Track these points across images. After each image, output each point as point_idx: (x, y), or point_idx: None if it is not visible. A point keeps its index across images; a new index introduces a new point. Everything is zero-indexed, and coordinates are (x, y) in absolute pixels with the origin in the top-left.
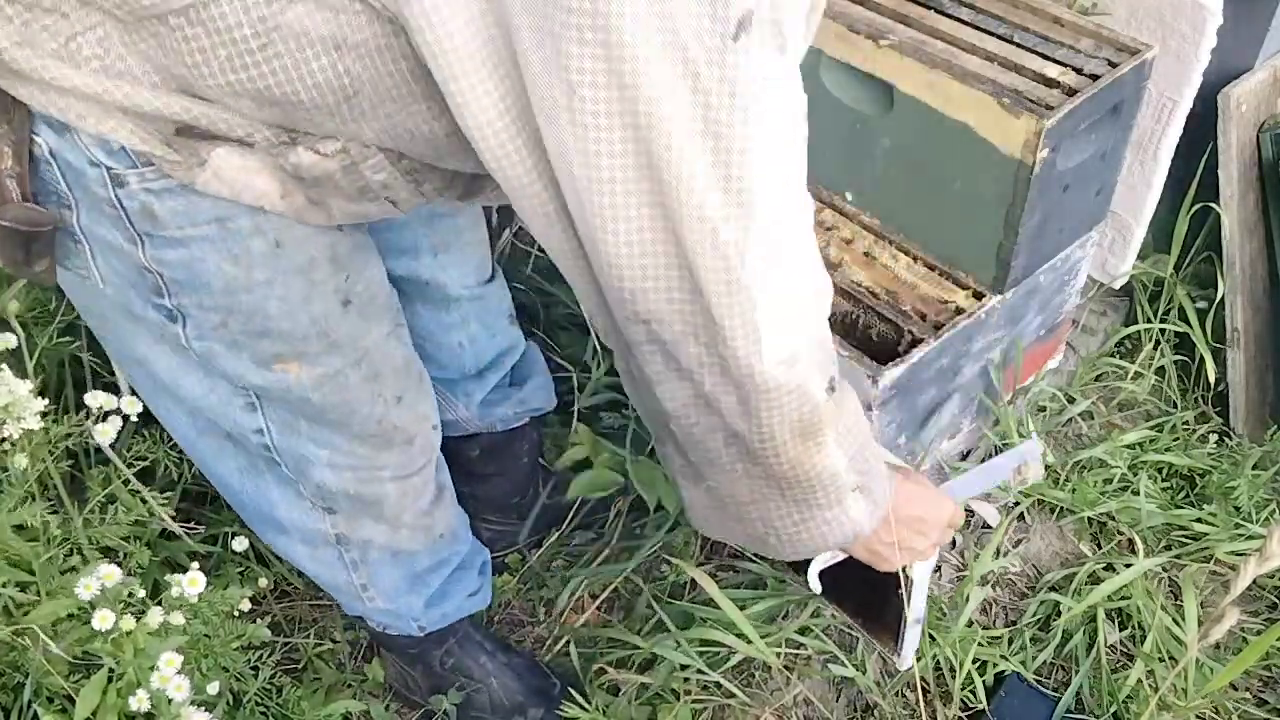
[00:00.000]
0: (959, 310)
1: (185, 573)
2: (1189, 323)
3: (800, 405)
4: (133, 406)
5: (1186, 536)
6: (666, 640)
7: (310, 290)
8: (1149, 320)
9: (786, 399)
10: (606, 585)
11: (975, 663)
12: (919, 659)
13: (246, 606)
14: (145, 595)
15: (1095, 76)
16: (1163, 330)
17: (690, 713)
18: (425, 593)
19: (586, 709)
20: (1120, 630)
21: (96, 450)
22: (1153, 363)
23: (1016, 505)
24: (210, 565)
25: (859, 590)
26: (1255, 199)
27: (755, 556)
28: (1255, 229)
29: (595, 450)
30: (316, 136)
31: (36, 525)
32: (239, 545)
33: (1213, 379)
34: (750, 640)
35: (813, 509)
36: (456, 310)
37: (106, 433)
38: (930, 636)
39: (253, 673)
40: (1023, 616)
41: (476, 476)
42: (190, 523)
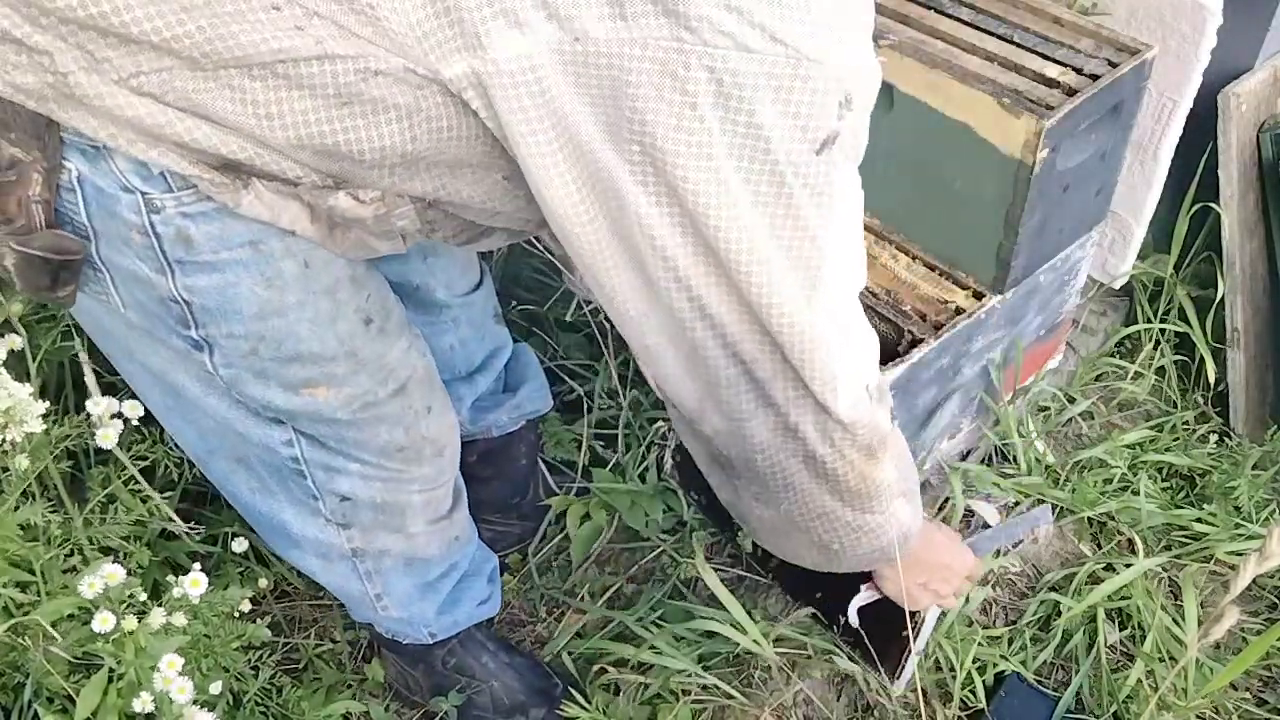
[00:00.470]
0: (959, 310)
1: (185, 573)
2: (1189, 323)
3: (871, 435)
4: (134, 410)
5: (1186, 536)
6: (667, 638)
7: (336, 311)
8: (1149, 320)
9: (860, 431)
10: (607, 585)
11: (975, 663)
12: (924, 656)
13: (247, 607)
14: (146, 596)
15: (1095, 76)
16: (1163, 330)
17: (690, 713)
18: (437, 600)
19: (587, 709)
20: (1120, 630)
21: (97, 450)
22: (1153, 363)
23: (1016, 505)
24: (210, 565)
25: (870, 623)
26: (1255, 199)
27: (754, 560)
28: (1255, 229)
29: (580, 505)
30: (360, 186)
31: (37, 525)
32: (239, 546)
33: (1213, 379)
34: (747, 631)
35: (870, 514)
36: (446, 313)
37: (109, 437)
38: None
39: (253, 673)
40: (1023, 616)
41: (475, 479)
42: (190, 523)
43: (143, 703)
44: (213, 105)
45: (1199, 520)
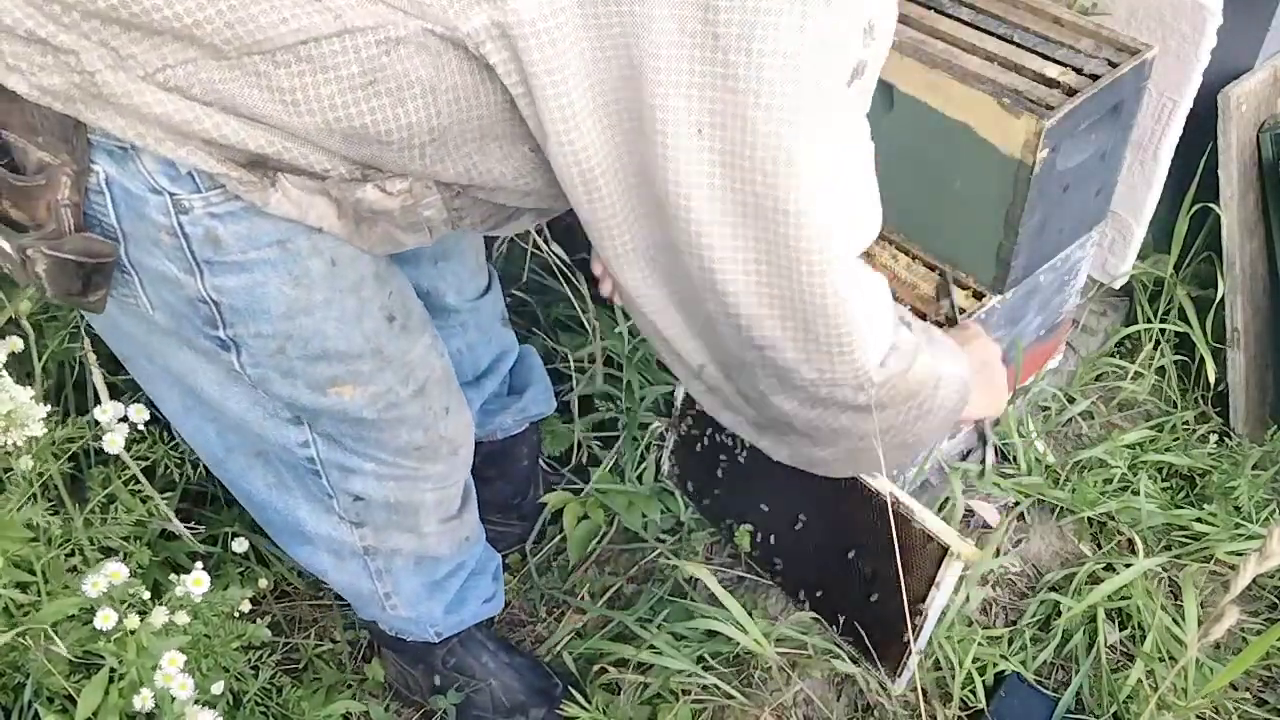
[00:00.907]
0: (959, 310)
1: (187, 573)
2: (1189, 323)
3: (903, 364)
4: (140, 414)
5: (1186, 536)
6: (667, 638)
7: (361, 308)
8: (1149, 320)
9: (894, 370)
10: (607, 585)
11: (975, 663)
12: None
13: (247, 607)
14: (147, 595)
15: (1095, 76)
16: (1163, 330)
17: (690, 713)
18: (444, 599)
19: (587, 709)
20: (1120, 630)
21: (98, 450)
22: (1153, 363)
23: (1016, 505)
24: (210, 565)
25: (872, 627)
26: (1255, 199)
27: (755, 561)
28: (1255, 229)
29: (578, 504)
30: (387, 175)
31: (38, 525)
32: (239, 546)
33: (1213, 379)
34: (747, 631)
35: (926, 398)
36: (455, 318)
37: (115, 442)
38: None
39: (253, 673)
40: (1023, 616)
41: (478, 480)
42: (190, 523)
43: (143, 700)
44: (239, 96)
45: (1199, 520)
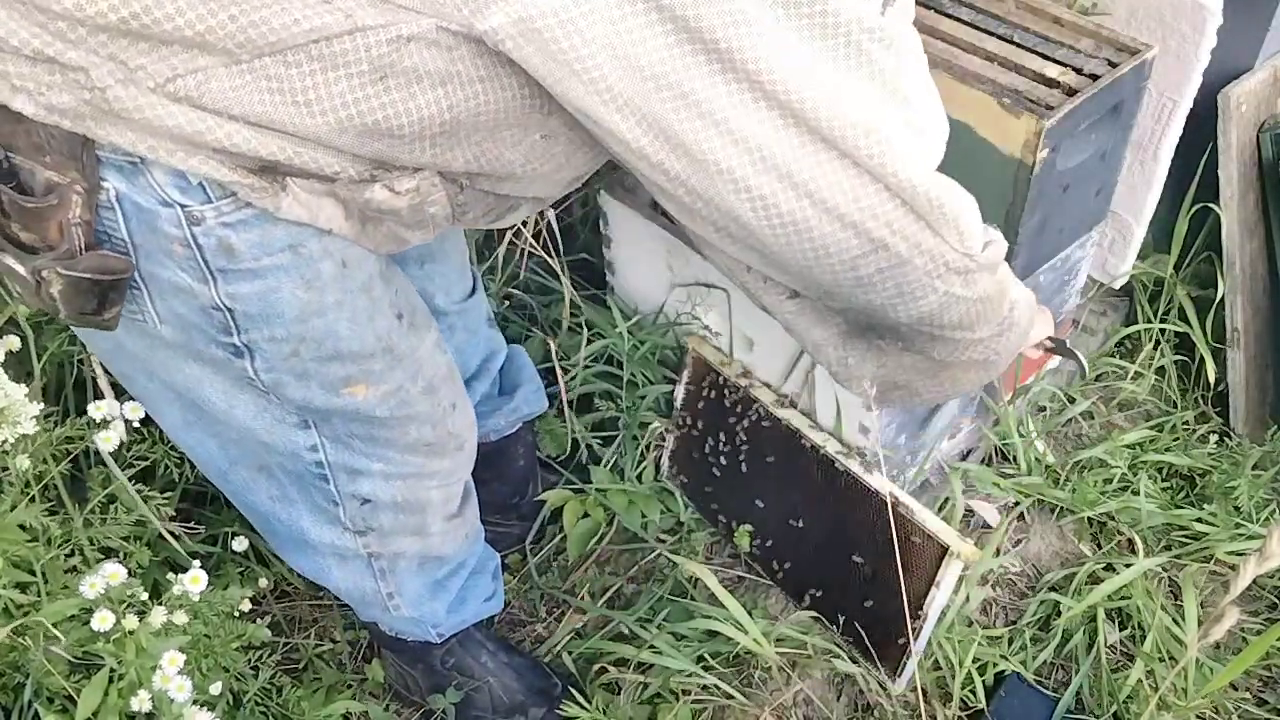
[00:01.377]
0: None
1: (186, 572)
2: (1189, 323)
3: (997, 256)
4: (135, 413)
5: (1186, 536)
6: (667, 638)
7: (372, 307)
8: (1149, 320)
9: (994, 259)
10: (607, 585)
11: (975, 663)
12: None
13: (247, 607)
14: (146, 595)
15: (1095, 76)
16: (1163, 330)
17: (690, 713)
18: (446, 599)
19: (587, 709)
20: (1120, 630)
21: (97, 450)
22: (1153, 363)
23: (1016, 505)
24: (210, 565)
25: (872, 626)
26: (1255, 199)
27: (755, 561)
28: (1255, 229)
29: (577, 502)
30: (395, 175)
31: (37, 526)
32: (239, 545)
33: (1213, 379)
34: (747, 631)
35: (1005, 311)
36: (443, 321)
37: (109, 440)
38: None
39: (253, 673)
40: (1023, 616)
41: (475, 482)
42: (190, 523)
43: (140, 701)
44: (250, 102)
45: (1199, 520)
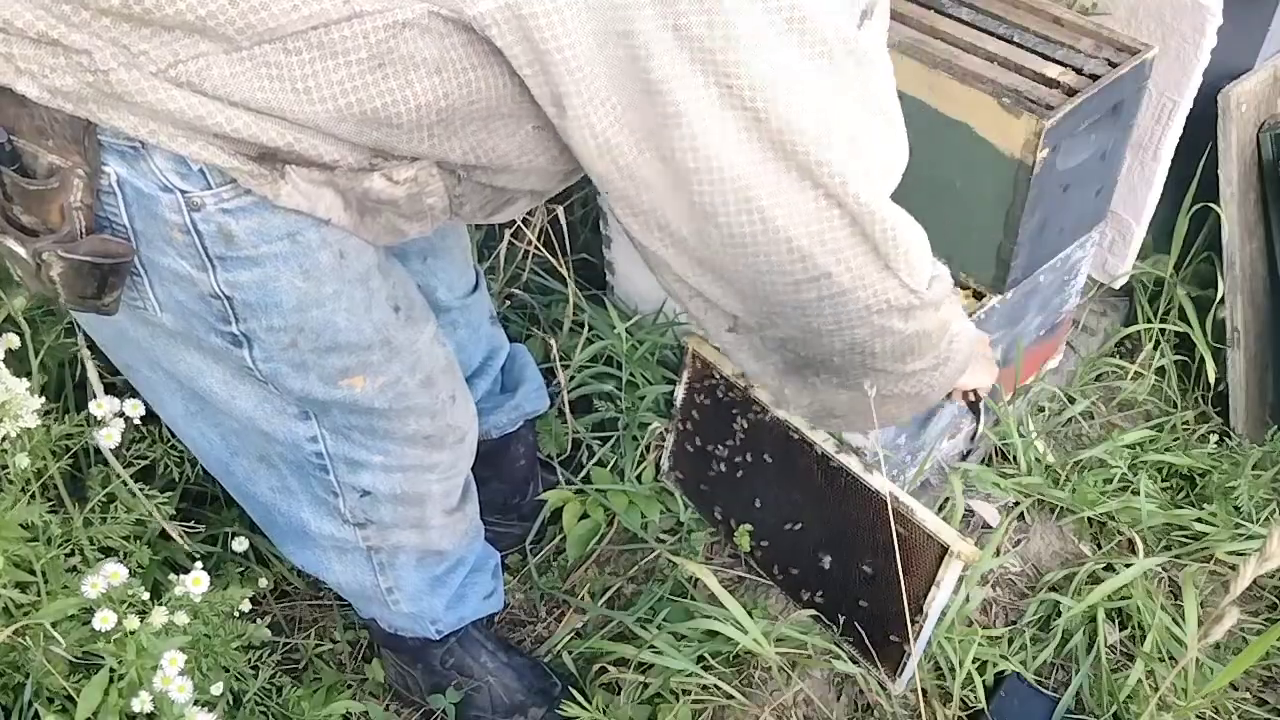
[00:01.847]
0: None
1: (186, 573)
2: (1189, 323)
3: (943, 292)
4: (135, 410)
5: (1186, 536)
6: (667, 638)
7: (370, 299)
8: (1149, 320)
9: (939, 295)
10: (607, 585)
11: (975, 663)
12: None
13: (247, 607)
14: (146, 595)
15: (1095, 76)
16: (1163, 330)
17: (690, 713)
18: (445, 594)
19: (586, 709)
20: (1120, 630)
21: (97, 449)
22: (1153, 363)
23: (1016, 505)
24: (210, 565)
25: (872, 626)
26: (1255, 199)
27: (755, 561)
28: (1255, 229)
29: (577, 503)
30: (394, 164)
31: (37, 525)
32: (239, 545)
33: (1213, 379)
34: (747, 631)
35: (944, 345)
36: (445, 317)
37: (111, 437)
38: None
39: (253, 673)
40: (1023, 616)
41: (475, 480)
42: (190, 522)
43: (141, 702)
44: (250, 89)
45: (1199, 520)
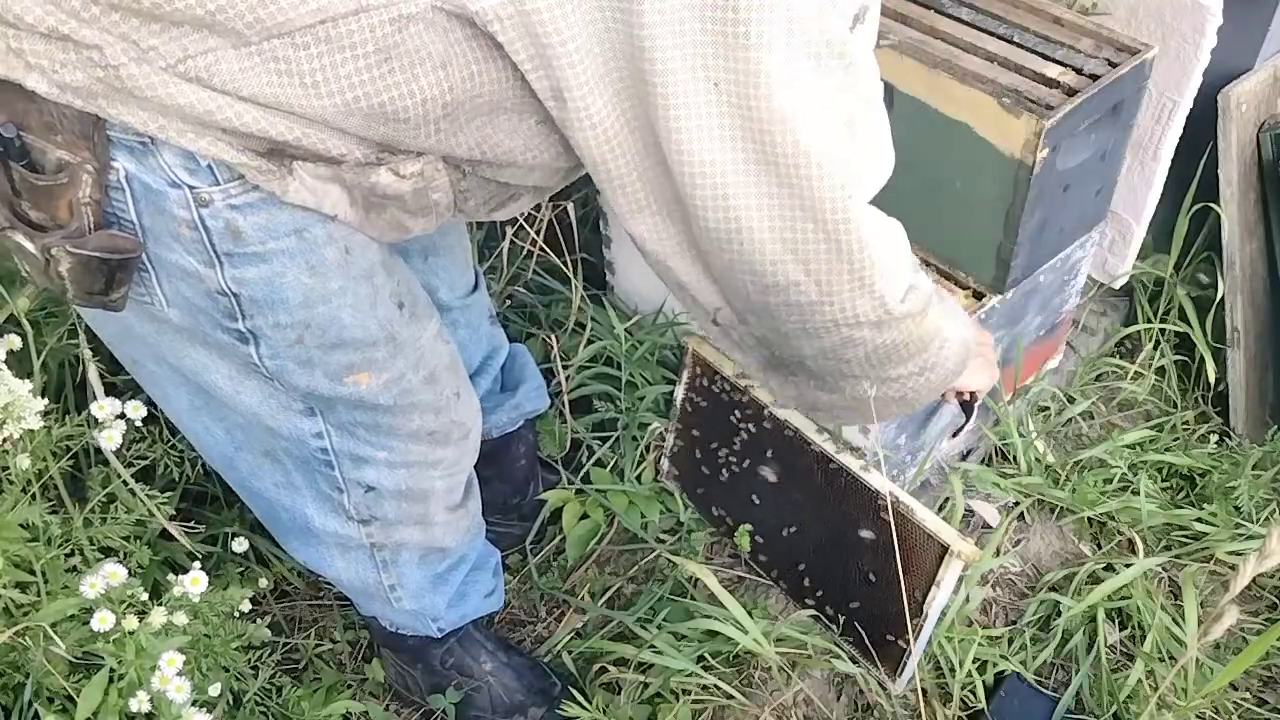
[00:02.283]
0: None
1: (186, 573)
2: (1189, 323)
3: (920, 304)
4: (136, 411)
5: (1186, 536)
6: (667, 638)
7: (374, 295)
8: (1149, 320)
9: (914, 307)
10: (607, 585)
11: (975, 663)
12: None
13: (246, 607)
14: (146, 596)
15: (1095, 76)
16: (1163, 330)
17: (690, 713)
18: (447, 592)
19: (587, 709)
20: (1120, 630)
21: (97, 450)
22: (1153, 363)
23: (1016, 505)
24: (210, 565)
25: (872, 626)
26: (1255, 199)
27: (754, 561)
28: (1255, 229)
29: (577, 503)
30: (401, 158)
31: (37, 525)
32: (239, 546)
33: (1213, 379)
34: (747, 631)
35: (929, 352)
36: (447, 316)
37: (112, 439)
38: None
39: (253, 673)
40: (1023, 616)
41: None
42: (190, 523)
43: (139, 702)
44: (259, 84)
45: (1199, 520)
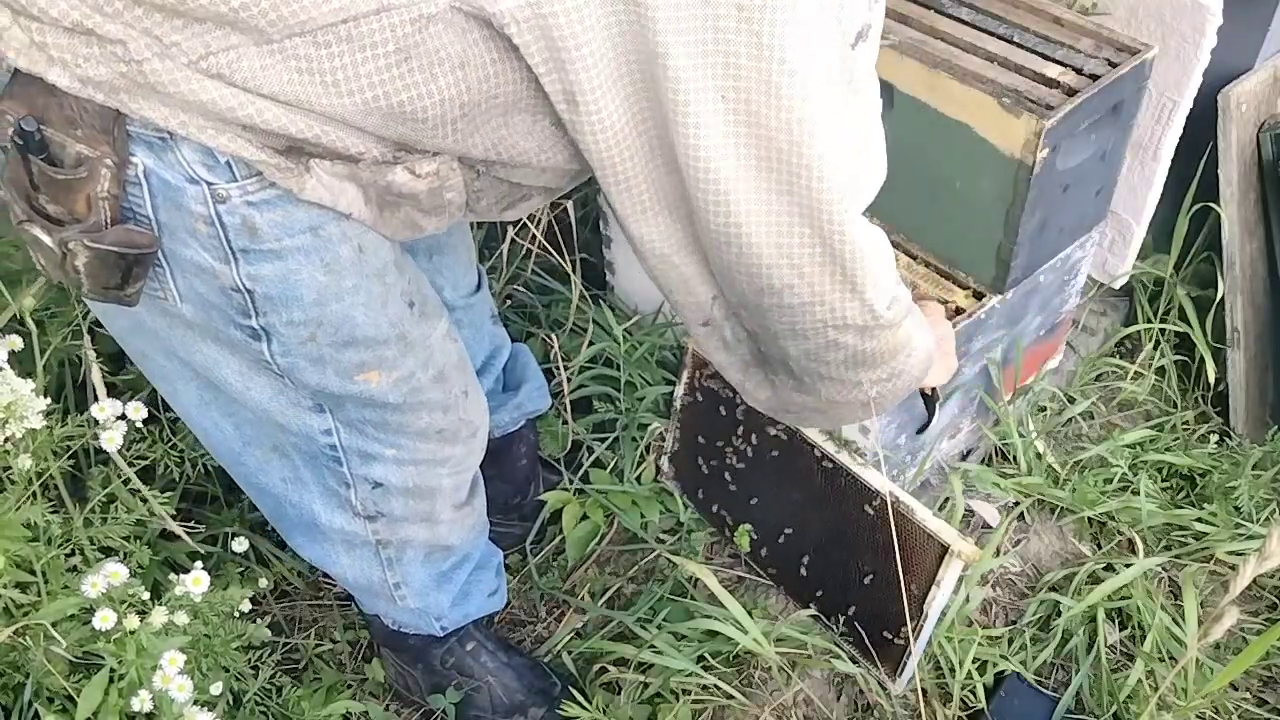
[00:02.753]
0: (959, 310)
1: (186, 573)
2: (1189, 323)
3: (901, 314)
4: (138, 413)
5: (1186, 536)
6: (667, 638)
7: (386, 294)
8: (1149, 320)
9: (897, 316)
10: (607, 585)
11: (975, 663)
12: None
13: (247, 607)
14: (147, 595)
15: (1095, 76)
16: (1163, 330)
17: (690, 713)
18: (451, 591)
19: (587, 708)
20: (1120, 630)
21: (98, 450)
22: (1153, 363)
23: (1016, 505)
24: (210, 565)
25: (872, 626)
26: (1255, 199)
27: (754, 561)
28: (1255, 229)
29: (577, 504)
30: (417, 157)
31: (38, 525)
32: (239, 545)
33: (1213, 379)
34: (747, 631)
35: (898, 359)
36: (451, 315)
37: (114, 439)
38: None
39: (253, 673)
40: (1023, 616)
41: None
42: (190, 522)
43: (141, 701)
44: (280, 81)
45: (1199, 520)
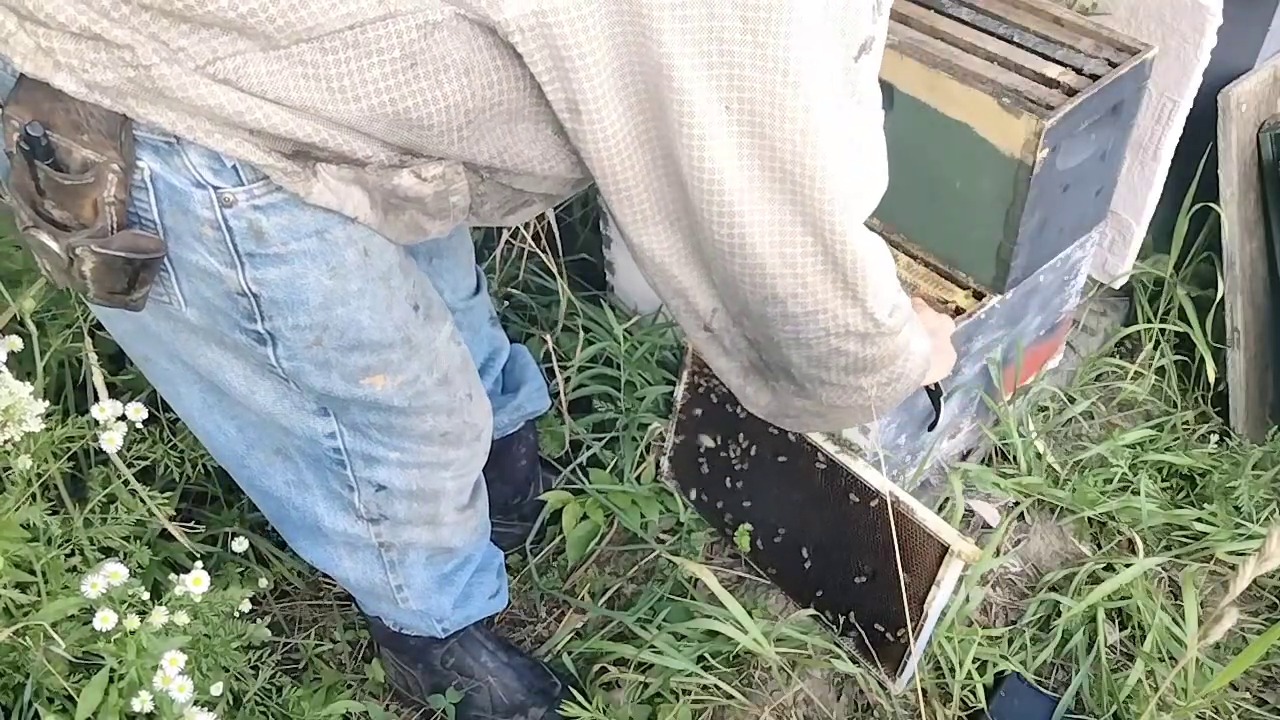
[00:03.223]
0: (959, 310)
1: (187, 573)
2: (1189, 323)
3: (903, 321)
4: (138, 413)
5: (1186, 536)
6: (667, 638)
7: (391, 297)
8: (1149, 320)
9: (898, 324)
10: (607, 585)
11: (975, 663)
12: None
13: (247, 607)
14: (147, 596)
15: (1095, 76)
16: (1163, 330)
17: (690, 713)
18: (453, 593)
19: (587, 708)
20: (1120, 630)
21: (97, 450)
22: (1153, 363)
23: (1016, 505)
24: (210, 565)
25: (872, 626)
26: (1255, 199)
27: (754, 561)
28: (1255, 229)
29: (577, 504)
30: (423, 161)
31: (37, 525)
32: (239, 545)
33: (1213, 379)
34: (747, 631)
35: (897, 363)
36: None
37: (113, 440)
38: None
39: (253, 673)
40: (1023, 616)
41: None
42: (190, 523)
43: (141, 702)
44: (287, 87)
45: (1199, 520)
